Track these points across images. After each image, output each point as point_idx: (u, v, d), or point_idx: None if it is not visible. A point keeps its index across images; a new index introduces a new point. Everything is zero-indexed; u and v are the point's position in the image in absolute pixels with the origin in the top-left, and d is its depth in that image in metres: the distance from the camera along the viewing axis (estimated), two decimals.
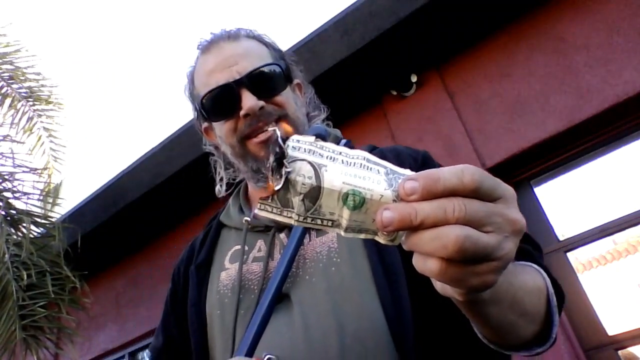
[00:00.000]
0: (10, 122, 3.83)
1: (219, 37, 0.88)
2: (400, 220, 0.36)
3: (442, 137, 2.57)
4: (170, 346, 0.88)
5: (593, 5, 2.32)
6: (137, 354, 3.97)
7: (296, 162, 0.39)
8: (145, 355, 4.01)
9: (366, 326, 0.64)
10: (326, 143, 0.41)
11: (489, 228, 0.36)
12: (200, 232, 0.99)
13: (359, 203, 0.38)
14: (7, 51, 3.85)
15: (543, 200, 2.38)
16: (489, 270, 0.37)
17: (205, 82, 0.85)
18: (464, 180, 0.36)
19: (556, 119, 2.28)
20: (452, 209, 0.35)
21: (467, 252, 0.35)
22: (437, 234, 0.35)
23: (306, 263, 0.73)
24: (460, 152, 2.47)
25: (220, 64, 0.83)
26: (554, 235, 2.29)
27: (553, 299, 0.58)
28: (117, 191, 3.51)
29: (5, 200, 3.30)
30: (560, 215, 2.39)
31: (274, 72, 0.84)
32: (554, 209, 2.35)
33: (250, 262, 0.79)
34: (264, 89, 0.82)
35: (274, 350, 0.60)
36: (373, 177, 0.38)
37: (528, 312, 0.53)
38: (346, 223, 0.39)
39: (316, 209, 0.40)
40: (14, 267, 3.02)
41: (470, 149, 2.45)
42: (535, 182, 2.46)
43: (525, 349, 0.56)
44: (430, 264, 0.37)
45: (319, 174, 0.39)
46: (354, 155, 0.40)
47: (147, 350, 3.80)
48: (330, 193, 0.39)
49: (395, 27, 2.43)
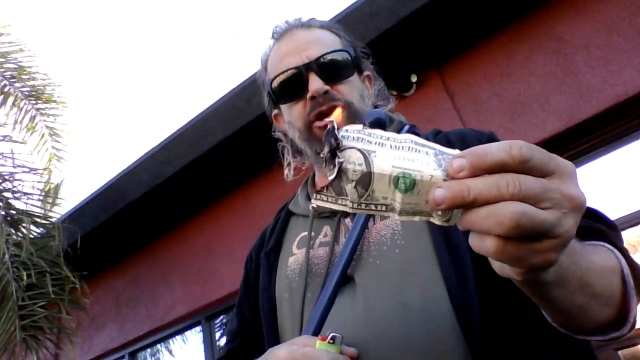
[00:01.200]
0: (14, 120, 3.84)
1: (293, 25, 0.93)
2: (452, 197, 0.36)
3: None
4: (244, 329, 0.91)
5: (593, 5, 2.32)
6: (137, 354, 3.97)
7: (346, 151, 0.40)
8: (146, 354, 4.01)
9: (430, 308, 0.64)
10: (374, 130, 0.41)
11: (547, 204, 0.35)
12: (199, 233, 1.00)
13: (410, 185, 0.38)
14: (9, 50, 3.86)
15: None
16: (549, 248, 0.36)
17: (277, 68, 0.88)
18: (512, 154, 0.35)
19: (556, 119, 2.28)
20: (505, 184, 0.35)
21: (524, 228, 0.34)
22: (492, 210, 0.35)
23: (370, 246, 0.74)
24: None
25: (291, 50, 0.88)
26: None
27: (630, 280, 0.55)
28: (117, 191, 3.51)
29: (5, 200, 3.30)
30: None
31: (342, 59, 0.88)
32: None
33: (317, 247, 0.81)
34: (330, 74, 0.85)
35: (338, 330, 0.60)
36: (422, 159, 0.39)
37: (600, 294, 0.50)
38: (399, 206, 0.40)
39: (369, 195, 0.40)
40: (14, 267, 3.02)
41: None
42: None
43: (600, 334, 0.54)
44: (487, 242, 0.36)
45: (369, 160, 0.39)
46: (402, 139, 0.40)
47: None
48: (381, 178, 0.39)
49: (395, 27, 2.43)
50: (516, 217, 0.34)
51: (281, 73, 0.87)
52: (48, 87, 3.97)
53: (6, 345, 3.02)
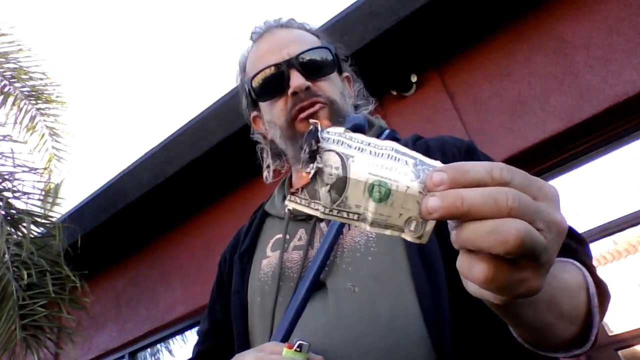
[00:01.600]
0: (14, 120, 3.84)
1: (272, 25, 0.92)
2: (446, 207, 0.34)
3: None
4: (215, 330, 0.91)
5: (593, 5, 2.32)
6: (137, 354, 3.97)
7: (324, 153, 0.39)
8: (146, 354, 4.01)
9: (401, 317, 0.64)
10: (355, 134, 0.40)
11: (540, 226, 0.34)
12: (199, 233, 1.00)
13: (384, 195, 0.37)
14: (9, 50, 3.86)
15: None
16: (537, 274, 0.35)
17: (256, 66, 0.87)
18: (492, 175, 0.34)
19: (556, 119, 2.28)
20: (504, 199, 0.33)
21: (525, 250, 0.32)
22: (495, 226, 0.32)
23: (344, 252, 0.73)
24: None
25: (271, 48, 0.87)
26: None
27: (594, 299, 0.55)
28: (117, 191, 3.51)
29: (5, 200, 3.30)
30: None
31: (322, 56, 0.87)
32: None
33: (290, 250, 0.80)
34: (311, 71, 0.84)
35: (308, 336, 0.60)
36: (400, 168, 0.37)
37: (567, 314, 0.51)
38: (372, 217, 0.39)
39: (342, 201, 0.39)
40: (14, 267, 3.03)
41: None
42: None
43: (563, 351, 0.54)
44: (477, 268, 0.34)
45: (346, 164, 0.38)
46: (383, 146, 0.39)
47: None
48: (356, 184, 0.38)
49: (395, 27, 2.43)
50: (521, 235, 0.32)
51: (261, 70, 0.85)
52: (48, 87, 3.97)
53: (6, 344, 3.02)
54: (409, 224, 0.39)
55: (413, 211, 0.38)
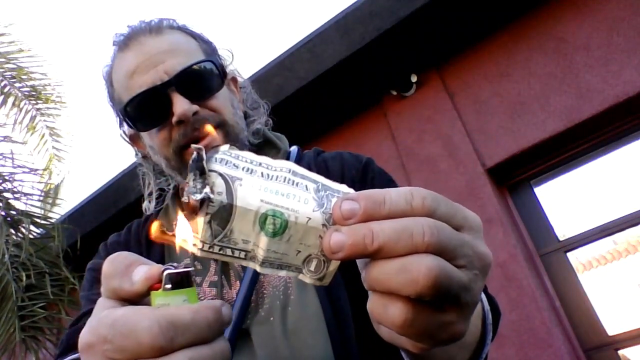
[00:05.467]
0: (14, 121, 3.84)
1: (139, 31, 0.75)
2: (353, 244, 0.28)
3: (442, 137, 2.56)
4: None
5: (593, 5, 2.32)
6: None
7: (206, 175, 0.32)
8: None
9: None
10: (243, 152, 0.33)
11: (461, 262, 0.30)
12: None
13: (280, 228, 0.30)
14: (9, 50, 3.86)
15: (543, 201, 2.38)
16: (461, 317, 0.31)
17: (128, 86, 0.72)
18: (413, 205, 0.30)
19: (556, 119, 2.28)
20: (420, 232, 0.28)
21: (440, 289, 0.28)
22: (403, 264, 0.28)
23: (265, 299, 0.67)
24: (460, 152, 2.47)
25: (143, 64, 0.71)
26: (554, 235, 2.28)
27: (489, 315, 0.52)
28: (117, 191, 3.50)
29: (5, 200, 3.30)
30: (560, 216, 2.39)
31: (207, 69, 0.73)
32: (554, 209, 2.35)
33: (205, 287, 0.70)
34: (197, 91, 0.71)
35: None
36: (299, 195, 0.31)
37: (468, 344, 0.48)
38: (263, 254, 0.32)
39: (226, 235, 0.31)
40: (14, 268, 3.02)
41: (470, 149, 2.45)
42: (535, 182, 2.46)
43: None
44: (393, 310, 0.29)
45: (232, 188, 0.31)
46: (278, 166, 0.32)
47: None
48: (244, 213, 0.30)
49: (395, 27, 2.43)
50: (434, 274, 0.27)
51: (136, 96, 0.70)
52: (48, 87, 3.97)
53: (6, 345, 3.02)
54: (309, 263, 0.33)
55: (314, 247, 0.32)
